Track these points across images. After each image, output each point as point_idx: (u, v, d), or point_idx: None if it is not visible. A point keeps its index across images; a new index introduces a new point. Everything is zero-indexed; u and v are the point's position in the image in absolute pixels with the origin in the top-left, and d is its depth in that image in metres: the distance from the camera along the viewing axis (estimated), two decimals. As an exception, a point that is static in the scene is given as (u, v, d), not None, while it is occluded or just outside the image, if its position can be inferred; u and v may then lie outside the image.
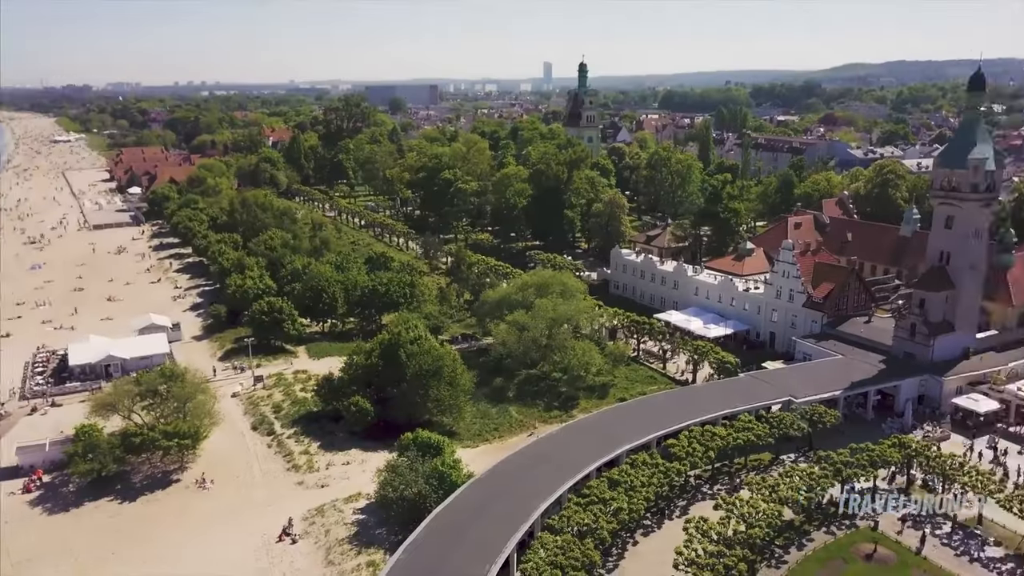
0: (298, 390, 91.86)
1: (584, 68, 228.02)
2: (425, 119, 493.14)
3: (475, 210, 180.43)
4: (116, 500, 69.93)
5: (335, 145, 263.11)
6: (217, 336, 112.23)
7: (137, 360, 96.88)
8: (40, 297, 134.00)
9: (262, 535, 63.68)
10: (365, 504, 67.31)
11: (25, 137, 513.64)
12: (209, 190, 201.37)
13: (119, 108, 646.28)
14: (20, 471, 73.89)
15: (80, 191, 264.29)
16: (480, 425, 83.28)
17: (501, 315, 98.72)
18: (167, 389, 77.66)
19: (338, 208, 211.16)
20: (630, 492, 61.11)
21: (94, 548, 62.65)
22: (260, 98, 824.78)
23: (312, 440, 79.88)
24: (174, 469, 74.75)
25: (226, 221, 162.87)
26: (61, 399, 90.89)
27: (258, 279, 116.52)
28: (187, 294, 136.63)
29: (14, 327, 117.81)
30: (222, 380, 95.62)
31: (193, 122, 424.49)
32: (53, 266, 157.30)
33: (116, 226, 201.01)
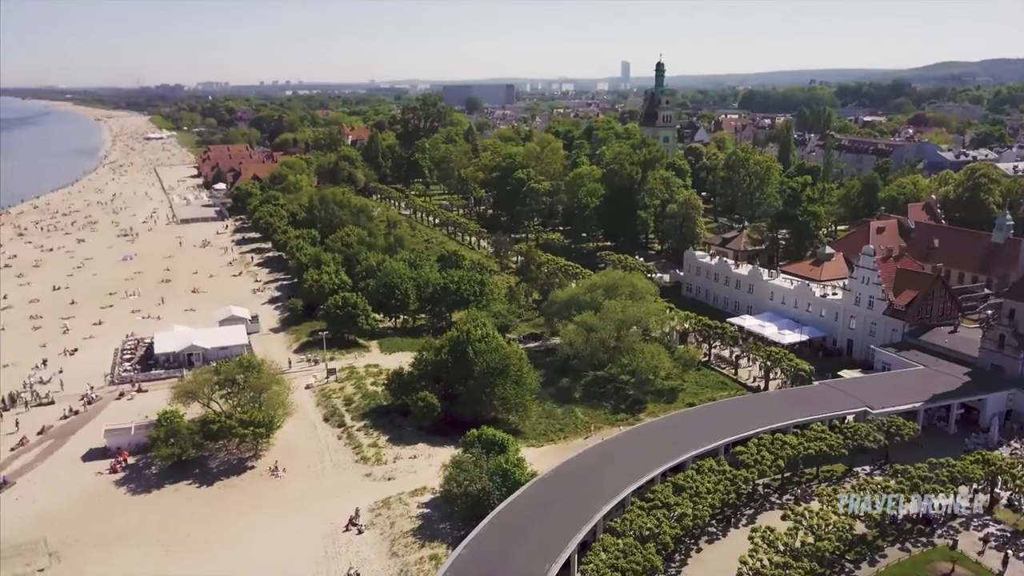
0: (369, 384, 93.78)
1: (661, 68, 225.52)
2: (501, 119, 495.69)
3: (547, 210, 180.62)
4: (194, 484, 72.83)
5: (412, 144, 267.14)
6: (293, 329, 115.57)
7: (217, 350, 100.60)
8: (130, 287, 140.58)
9: (330, 524, 65.34)
10: (430, 498, 68.28)
11: (121, 134, 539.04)
12: (290, 187, 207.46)
13: (208, 107, 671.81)
14: (108, 452, 77.77)
15: (170, 186, 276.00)
16: (545, 425, 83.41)
17: (569, 315, 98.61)
18: (244, 379, 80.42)
19: (413, 206, 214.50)
20: (695, 498, 60.24)
21: (173, 528, 65.42)
22: (341, 97, 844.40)
23: (381, 433, 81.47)
24: (249, 457, 77.35)
25: (305, 217, 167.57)
26: (147, 385, 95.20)
27: (334, 274, 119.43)
28: (266, 287, 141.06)
29: (106, 315, 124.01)
30: (297, 372, 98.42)
31: (277, 120, 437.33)
32: (143, 258, 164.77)
33: (202, 220, 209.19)
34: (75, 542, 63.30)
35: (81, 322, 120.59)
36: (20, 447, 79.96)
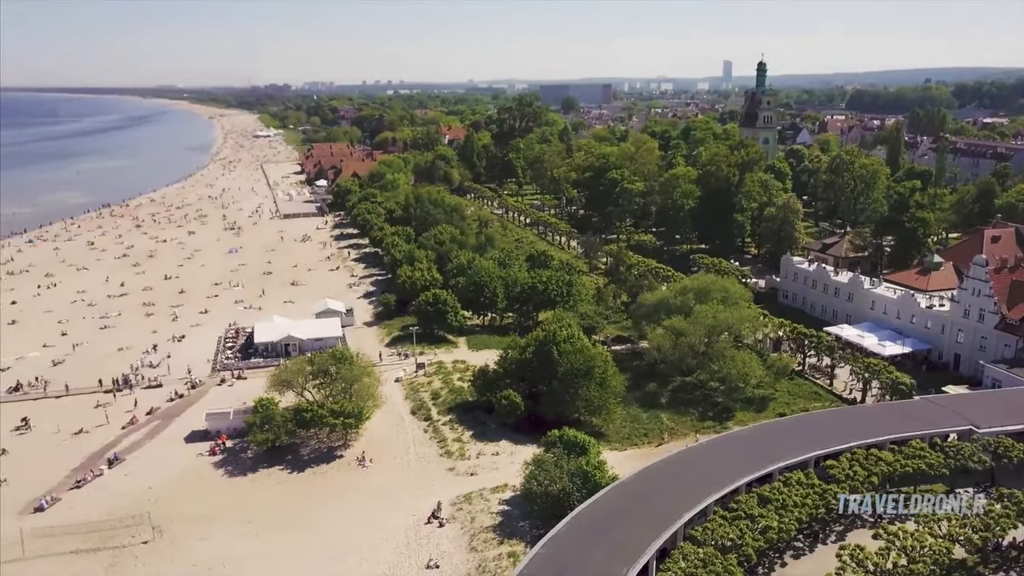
0: (456, 379, 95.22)
1: (763, 67, 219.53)
2: (597, 118, 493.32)
3: (640, 211, 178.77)
4: (286, 470, 75.75)
5: (507, 144, 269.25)
6: (385, 323, 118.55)
7: (313, 341, 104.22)
8: (235, 279, 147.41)
9: (413, 515, 66.71)
10: (511, 496, 68.78)
11: (232, 132, 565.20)
12: (387, 185, 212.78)
13: (313, 106, 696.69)
14: (208, 435, 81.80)
15: (274, 182, 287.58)
16: (629, 429, 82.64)
17: (658, 319, 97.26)
18: (337, 370, 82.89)
19: (505, 206, 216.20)
20: (781, 511, 58.43)
21: (264, 510, 68.28)
22: (440, 97, 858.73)
23: (465, 429, 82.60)
24: (338, 446, 79.84)
25: (401, 215, 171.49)
26: (246, 373, 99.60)
27: (426, 271, 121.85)
28: (361, 282, 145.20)
29: (211, 305, 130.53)
30: (387, 365, 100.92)
31: (378, 119, 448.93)
32: (247, 251, 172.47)
33: (303, 216, 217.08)
34: (175, 518, 66.90)
35: (189, 310, 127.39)
36: (131, 426, 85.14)
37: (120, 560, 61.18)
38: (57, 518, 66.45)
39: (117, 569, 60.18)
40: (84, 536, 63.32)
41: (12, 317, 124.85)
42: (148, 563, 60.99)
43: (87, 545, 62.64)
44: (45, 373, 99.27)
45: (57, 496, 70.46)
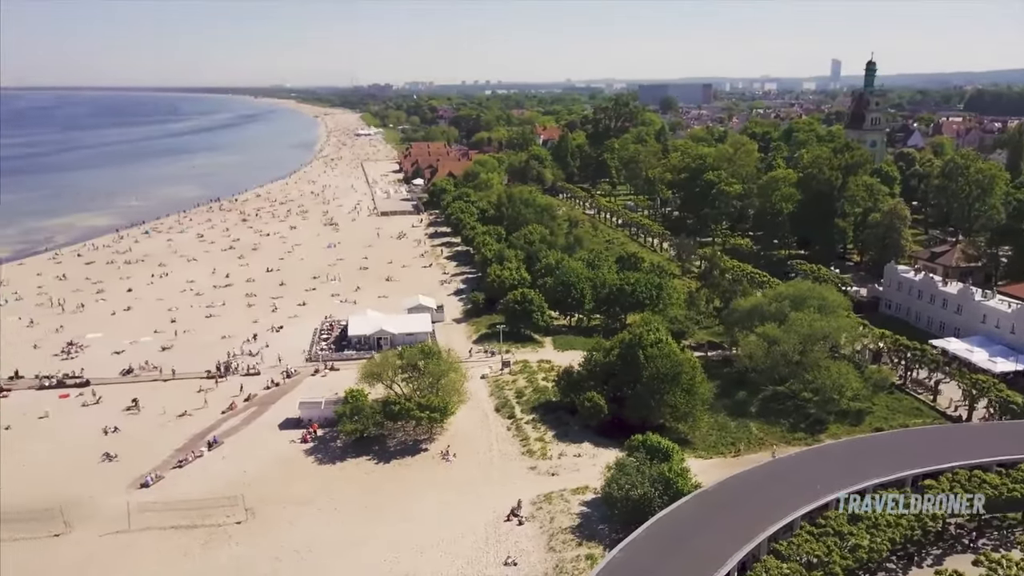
0: (540, 379, 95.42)
1: (872, 66, 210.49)
2: (695, 119, 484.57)
3: (736, 214, 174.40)
4: (373, 460, 77.76)
5: (601, 144, 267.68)
6: (474, 320, 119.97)
7: (404, 336, 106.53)
8: (332, 273, 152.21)
9: (493, 512, 67.31)
10: (591, 498, 68.45)
11: (335, 131, 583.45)
12: (481, 184, 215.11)
13: (412, 105, 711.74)
14: (301, 423, 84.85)
15: (373, 180, 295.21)
16: (716, 437, 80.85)
17: (751, 326, 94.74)
18: (424, 365, 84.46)
19: (597, 206, 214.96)
20: (873, 530, 55.94)
21: (351, 498, 70.33)
22: (537, 96, 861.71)
23: (548, 429, 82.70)
24: (424, 439, 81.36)
25: (493, 214, 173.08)
26: (339, 364, 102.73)
27: (515, 270, 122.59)
28: (453, 280, 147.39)
29: (309, 297, 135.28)
30: (474, 361, 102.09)
31: (474, 119, 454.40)
32: (345, 246, 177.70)
33: (400, 214, 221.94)
34: (267, 501, 69.72)
35: (288, 302, 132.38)
36: (229, 411, 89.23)
37: (214, 538, 64.25)
38: (160, 495, 70.38)
39: (211, 546, 63.21)
40: (183, 513, 66.79)
41: (127, 304, 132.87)
42: (240, 542, 63.79)
43: (185, 522, 66.07)
44: (154, 357, 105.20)
45: (161, 474, 74.60)
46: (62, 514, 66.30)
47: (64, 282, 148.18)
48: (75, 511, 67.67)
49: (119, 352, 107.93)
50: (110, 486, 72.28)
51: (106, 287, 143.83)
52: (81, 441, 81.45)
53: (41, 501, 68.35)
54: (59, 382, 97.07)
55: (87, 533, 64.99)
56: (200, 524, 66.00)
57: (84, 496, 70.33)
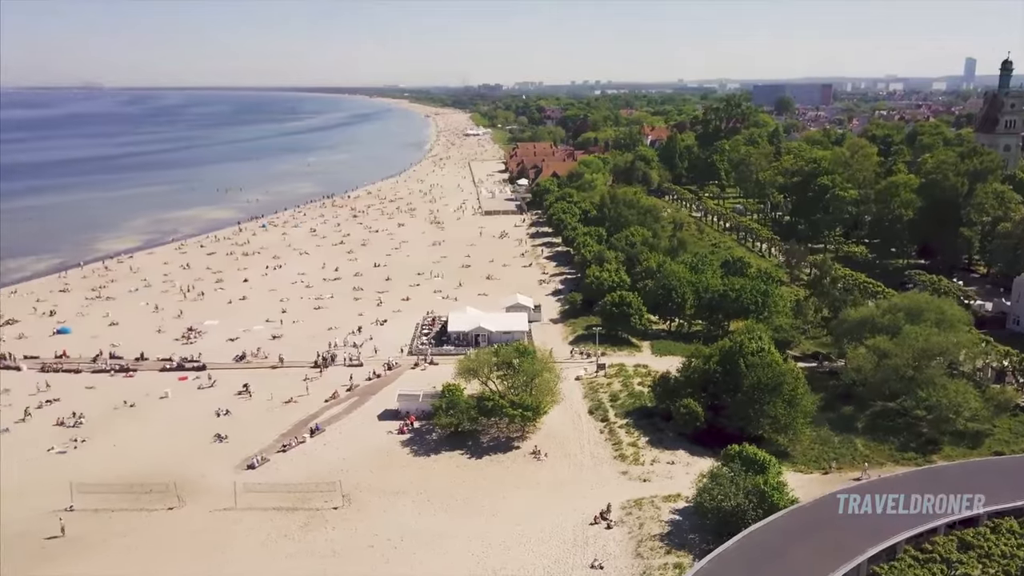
0: (636, 383, 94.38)
1: (1008, 66, 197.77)
2: (813, 120, 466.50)
3: (851, 220, 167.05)
4: (466, 454, 78.97)
5: (711, 145, 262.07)
6: (571, 321, 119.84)
7: (501, 334, 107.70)
8: (435, 270, 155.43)
9: (581, 514, 67.10)
10: (683, 506, 67.22)
11: (445, 130, 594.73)
12: (585, 184, 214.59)
13: (521, 105, 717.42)
14: (399, 414, 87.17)
15: (479, 180, 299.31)
16: (818, 451, 77.69)
17: (861, 337, 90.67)
18: (519, 363, 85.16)
19: (704, 209, 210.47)
20: (985, 559, 52.60)
21: (444, 491, 71.63)
22: (647, 97, 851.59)
23: (641, 434, 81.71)
24: (516, 437, 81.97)
25: (595, 215, 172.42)
26: (438, 359, 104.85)
27: (614, 272, 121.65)
28: (551, 280, 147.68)
29: (412, 293, 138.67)
30: (569, 362, 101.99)
31: (582, 119, 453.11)
32: (449, 244, 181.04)
33: (503, 213, 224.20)
34: (363, 488, 72.01)
35: (392, 296, 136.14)
36: (332, 400, 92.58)
37: (312, 521, 66.88)
38: (264, 477, 73.82)
39: (310, 529, 65.83)
40: (284, 496, 69.82)
41: (243, 293, 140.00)
42: (336, 527, 66.15)
43: (286, 504, 69.06)
44: (265, 345, 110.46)
45: (266, 457, 78.27)
46: (176, 489, 70.59)
47: (187, 271, 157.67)
48: (188, 487, 71.92)
49: (234, 339, 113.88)
50: (220, 466, 76.42)
51: (224, 277, 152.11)
52: (196, 422, 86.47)
53: (159, 476, 72.98)
54: (178, 365, 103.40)
55: (198, 508, 68.96)
56: (300, 507, 68.83)
57: (196, 473, 74.66)
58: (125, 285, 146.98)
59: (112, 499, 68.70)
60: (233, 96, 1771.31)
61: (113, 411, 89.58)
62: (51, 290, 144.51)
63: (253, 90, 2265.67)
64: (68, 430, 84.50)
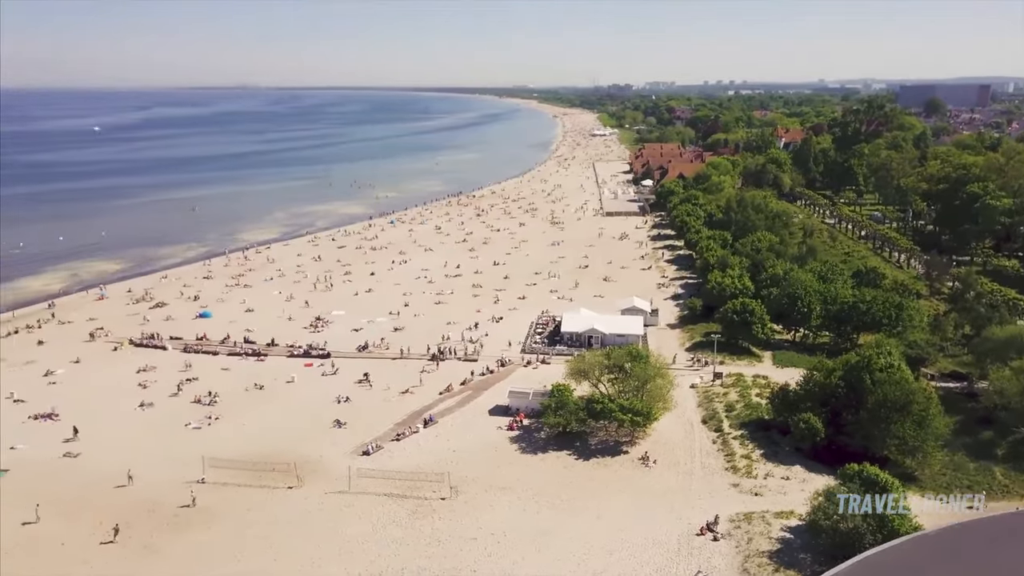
0: (753, 394, 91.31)
1: None
2: (966, 123, 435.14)
3: (1003, 231, 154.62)
4: (573, 455, 78.88)
5: (849, 149, 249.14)
6: (689, 327, 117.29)
7: (615, 336, 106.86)
8: (553, 270, 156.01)
9: (688, 524, 65.68)
10: (795, 524, 64.53)
11: (571, 130, 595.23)
12: (711, 187, 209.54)
13: (650, 106, 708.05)
14: (509, 411, 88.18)
15: (603, 180, 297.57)
16: (949, 478, 72.52)
17: (1006, 358, 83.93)
18: (631, 367, 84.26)
19: (838, 215, 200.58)
20: None
21: (549, 490, 71.86)
22: (783, 97, 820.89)
23: (756, 447, 79.01)
24: (625, 442, 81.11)
25: (720, 219, 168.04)
26: (550, 358, 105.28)
27: (737, 279, 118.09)
28: (671, 284, 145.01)
29: (529, 292, 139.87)
30: (684, 369, 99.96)
31: (712, 120, 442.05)
32: (568, 244, 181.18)
33: (625, 214, 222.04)
34: (470, 481, 73.34)
35: (509, 295, 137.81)
36: (446, 393, 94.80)
37: (420, 510, 68.76)
38: (377, 463, 76.51)
39: (417, 517, 67.72)
40: (395, 483, 72.12)
41: (369, 286, 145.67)
42: (443, 517, 67.72)
43: (396, 491, 71.34)
44: (387, 337, 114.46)
45: (380, 444, 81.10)
46: (296, 469, 74.38)
47: (318, 263, 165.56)
48: (307, 468, 75.63)
49: (358, 329, 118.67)
50: (337, 450, 79.90)
51: (353, 270, 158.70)
52: (318, 406, 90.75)
53: (281, 455, 77.16)
54: (305, 352, 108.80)
55: (315, 489, 72.37)
56: (409, 495, 70.92)
57: (315, 456, 78.37)
58: (261, 274, 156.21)
59: (238, 475, 73.19)
60: (370, 96, 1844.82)
61: (244, 392, 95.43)
62: (196, 276, 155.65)
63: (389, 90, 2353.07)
64: (203, 408, 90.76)
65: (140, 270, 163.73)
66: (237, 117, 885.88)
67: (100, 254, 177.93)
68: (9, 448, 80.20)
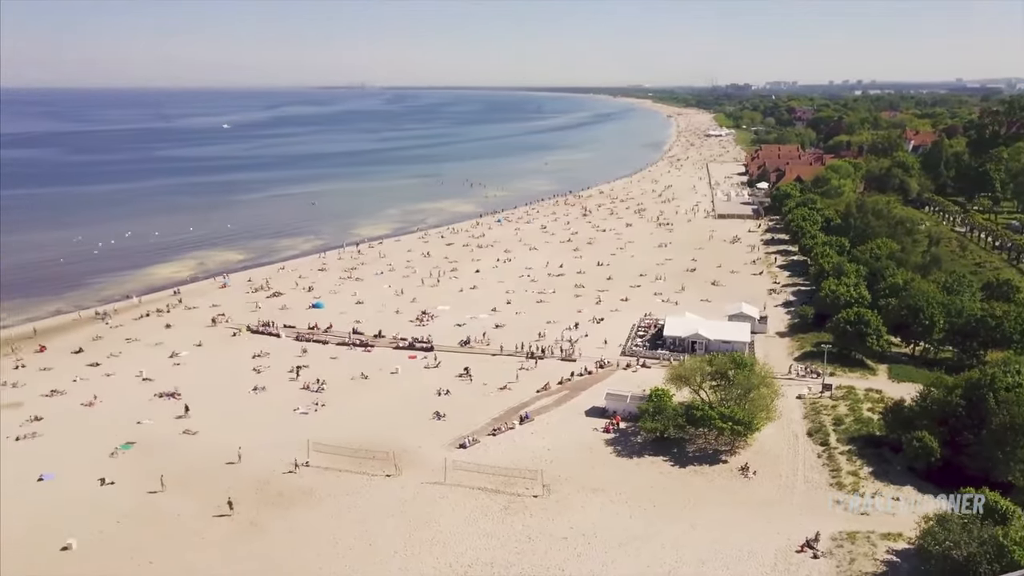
0: (865, 409, 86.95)
1: None
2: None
3: None
4: (669, 462, 77.51)
5: (985, 153, 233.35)
6: (799, 336, 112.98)
7: (719, 343, 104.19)
8: (659, 272, 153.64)
9: (787, 539, 63.33)
10: (903, 547, 61.08)
11: (685, 130, 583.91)
12: (831, 191, 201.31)
13: (770, 106, 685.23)
14: (605, 413, 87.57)
15: (716, 182, 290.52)
16: (1084, 510, 66.73)
17: None
18: (734, 375, 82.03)
19: (970, 223, 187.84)
20: None
21: (643, 495, 70.85)
22: (915, 98, 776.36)
23: (865, 464, 75.22)
24: (724, 451, 79.02)
25: (838, 224, 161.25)
26: (651, 362, 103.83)
27: (852, 287, 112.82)
28: (783, 291, 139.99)
29: (632, 294, 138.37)
30: (791, 379, 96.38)
31: (835, 121, 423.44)
32: (676, 246, 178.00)
33: (737, 217, 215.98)
34: (564, 481, 73.30)
35: (612, 296, 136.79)
36: (543, 391, 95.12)
37: (512, 506, 69.31)
38: (473, 457, 77.59)
39: (509, 513, 68.30)
40: (489, 477, 72.98)
41: (474, 283, 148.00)
42: (534, 515, 68.01)
43: (490, 486, 72.17)
44: (489, 333, 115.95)
45: (477, 438, 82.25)
46: (394, 458, 76.52)
47: (427, 259, 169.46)
48: (405, 457, 77.63)
49: (461, 324, 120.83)
50: (435, 441, 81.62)
51: (459, 267, 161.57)
52: (419, 398, 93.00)
53: (381, 444, 79.51)
54: (410, 344, 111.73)
55: (411, 478, 74.20)
56: (502, 490, 71.60)
57: (413, 446, 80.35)
58: (372, 268, 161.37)
59: (340, 460, 75.99)
60: (484, 95, 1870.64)
61: (350, 381, 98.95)
62: (312, 268, 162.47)
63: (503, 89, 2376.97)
64: (311, 394, 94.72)
65: (261, 261, 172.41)
66: (355, 116, 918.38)
67: (225, 244, 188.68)
68: (136, 423, 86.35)
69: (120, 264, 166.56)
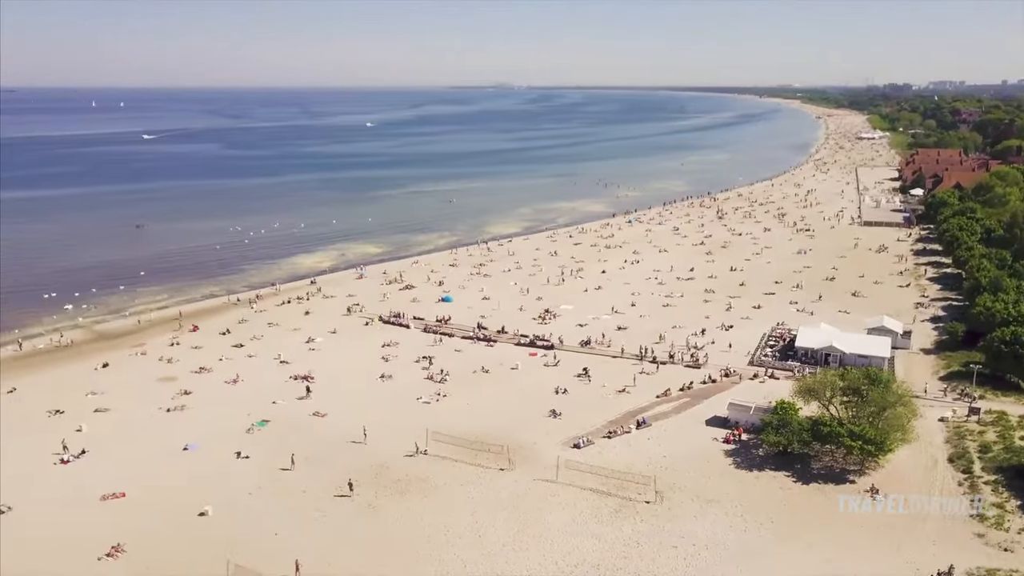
0: (1017, 437, 79.73)
1: None
2: None
3: None
4: (792, 478, 74.14)
5: None
6: (946, 355, 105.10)
7: (856, 356, 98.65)
8: (796, 280, 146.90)
9: (916, 569, 59.10)
10: (1052, 592, 55.75)
11: (835, 133, 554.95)
12: (994, 199, 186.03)
13: (931, 107, 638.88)
14: (727, 423, 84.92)
15: (864, 187, 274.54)
16: None
17: None
18: (868, 391, 77.49)
19: None
20: None
21: (759, 511, 68.01)
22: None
23: (1013, 496, 68.97)
24: (852, 470, 74.79)
25: (1000, 236, 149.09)
26: (779, 373, 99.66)
27: (1011, 304, 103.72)
28: (931, 304, 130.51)
29: (765, 301, 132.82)
30: (933, 400, 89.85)
31: (1006, 124, 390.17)
32: (816, 253, 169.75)
33: (886, 225, 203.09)
34: (677, 489, 71.75)
35: (743, 303, 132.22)
36: (663, 397, 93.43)
37: (623, 509, 68.57)
38: (586, 457, 77.24)
39: (619, 516, 67.62)
40: (602, 479, 72.50)
41: (599, 284, 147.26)
42: (645, 520, 67.00)
43: (602, 488, 71.70)
44: (610, 334, 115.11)
45: (591, 440, 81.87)
46: (509, 452, 77.54)
47: (554, 258, 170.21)
48: (519, 453, 78.48)
49: (583, 324, 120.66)
50: (550, 439, 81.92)
51: (585, 266, 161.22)
52: (537, 395, 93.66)
53: (497, 437, 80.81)
54: (531, 342, 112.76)
55: (524, 474, 74.89)
56: (614, 493, 70.99)
57: (528, 442, 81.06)
58: (501, 265, 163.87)
59: (456, 451, 77.77)
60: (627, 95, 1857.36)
61: (471, 374, 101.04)
62: (443, 263, 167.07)
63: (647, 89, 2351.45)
64: (434, 384, 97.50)
65: (396, 254, 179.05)
66: (494, 115, 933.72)
67: (365, 238, 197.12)
68: (271, 402, 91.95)
69: (268, 253, 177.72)
